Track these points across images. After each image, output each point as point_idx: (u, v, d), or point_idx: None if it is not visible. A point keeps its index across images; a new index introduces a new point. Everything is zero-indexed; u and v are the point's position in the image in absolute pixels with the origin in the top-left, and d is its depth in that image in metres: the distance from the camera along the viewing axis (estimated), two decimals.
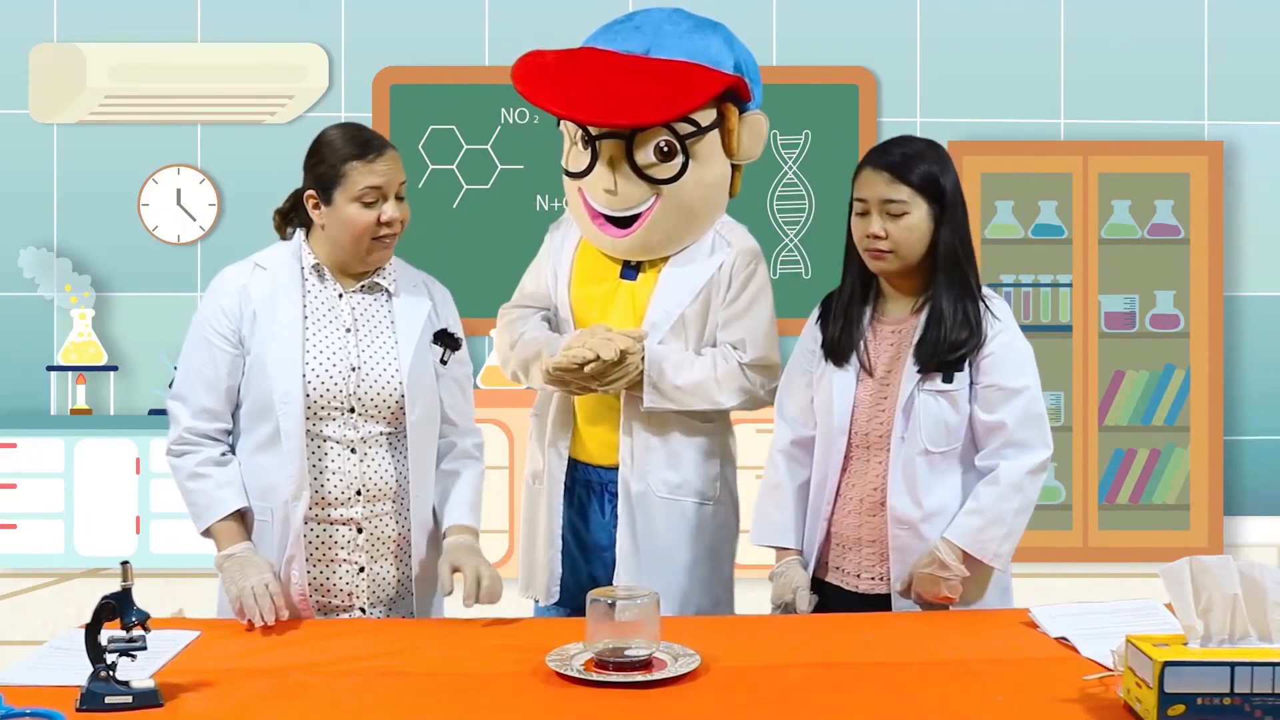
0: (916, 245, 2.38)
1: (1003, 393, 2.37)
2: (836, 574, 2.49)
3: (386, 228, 2.35)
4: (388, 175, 2.34)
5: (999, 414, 2.36)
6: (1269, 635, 1.78)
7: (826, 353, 2.48)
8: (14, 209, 5.89)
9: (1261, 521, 5.93)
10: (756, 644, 2.14)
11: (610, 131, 2.59)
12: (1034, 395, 2.38)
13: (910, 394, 2.38)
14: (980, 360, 2.38)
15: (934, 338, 2.37)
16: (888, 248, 2.37)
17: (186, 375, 2.40)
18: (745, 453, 2.88)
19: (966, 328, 2.37)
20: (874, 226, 2.37)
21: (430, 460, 2.47)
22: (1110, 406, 5.82)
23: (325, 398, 2.35)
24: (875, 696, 1.86)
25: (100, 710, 1.78)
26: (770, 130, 2.82)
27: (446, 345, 2.48)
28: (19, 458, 5.49)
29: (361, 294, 2.44)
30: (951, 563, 2.34)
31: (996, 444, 2.37)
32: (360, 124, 2.44)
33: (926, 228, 2.38)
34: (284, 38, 5.89)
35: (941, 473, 2.39)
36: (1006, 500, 2.35)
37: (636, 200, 2.62)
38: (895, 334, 2.45)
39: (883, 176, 2.37)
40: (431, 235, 5.72)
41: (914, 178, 2.37)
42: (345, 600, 2.40)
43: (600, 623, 1.97)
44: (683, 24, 2.66)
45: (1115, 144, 5.79)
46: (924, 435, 2.37)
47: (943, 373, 2.36)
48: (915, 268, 2.41)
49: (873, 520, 2.43)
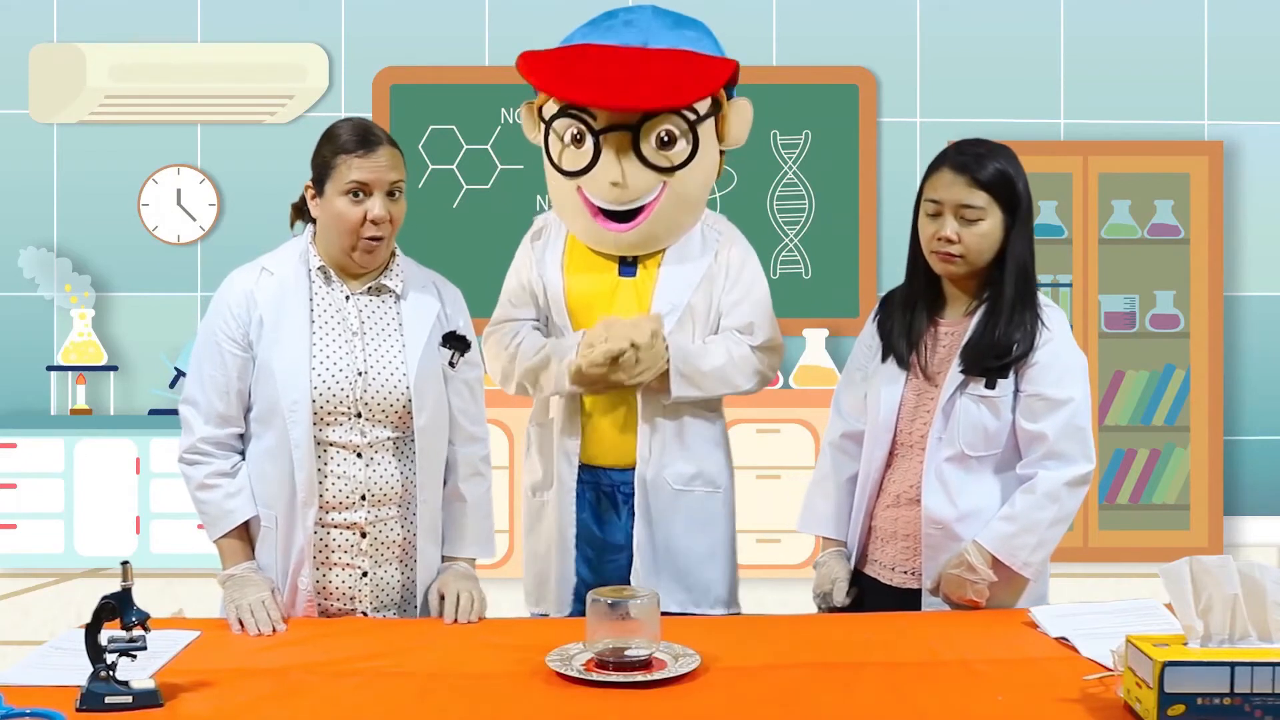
0: (987, 252, 2.38)
1: (1046, 403, 2.36)
2: (874, 566, 2.51)
3: (373, 226, 2.31)
4: (377, 172, 2.31)
5: (1041, 424, 2.35)
6: (1269, 635, 1.78)
7: (883, 351, 2.50)
8: (14, 209, 5.89)
9: (1261, 521, 5.93)
10: (756, 644, 2.14)
11: (616, 124, 2.61)
12: (1078, 408, 2.36)
13: (952, 396, 2.38)
14: (1027, 369, 2.37)
15: (984, 342, 2.37)
16: (959, 252, 2.36)
17: (199, 380, 2.38)
18: (744, 452, 2.89)
19: (1019, 335, 2.36)
20: (947, 230, 2.35)
21: (438, 465, 2.44)
22: (1110, 406, 5.82)
23: (332, 403, 2.34)
24: (875, 696, 1.86)
25: (100, 710, 1.78)
26: (770, 130, 2.84)
27: (456, 348, 2.45)
28: (19, 458, 5.48)
29: (369, 296, 2.41)
30: (979, 566, 2.34)
31: (1038, 454, 2.36)
32: (369, 121, 2.41)
33: (998, 235, 2.37)
34: (284, 38, 5.89)
35: (978, 476, 2.39)
36: (1041, 510, 2.34)
37: (645, 190, 2.63)
38: (949, 335, 2.45)
39: (961, 180, 2.35)
40: (431, 235, 5.72)
41: (994, 185, 2.35)
42: (347, 604, 2.39)
43: (600, 623, 1.97)
44: (667, 19, 2.71)
45: (1115, 144, 5.79)
46: (961, 438, 2.38)
47: (986, 378, 2.36)
48: (979, 271, 2.41)
49: (907, 515, 2.44)
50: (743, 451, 2.87)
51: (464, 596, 2.32)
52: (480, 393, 2.53)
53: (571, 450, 2.69)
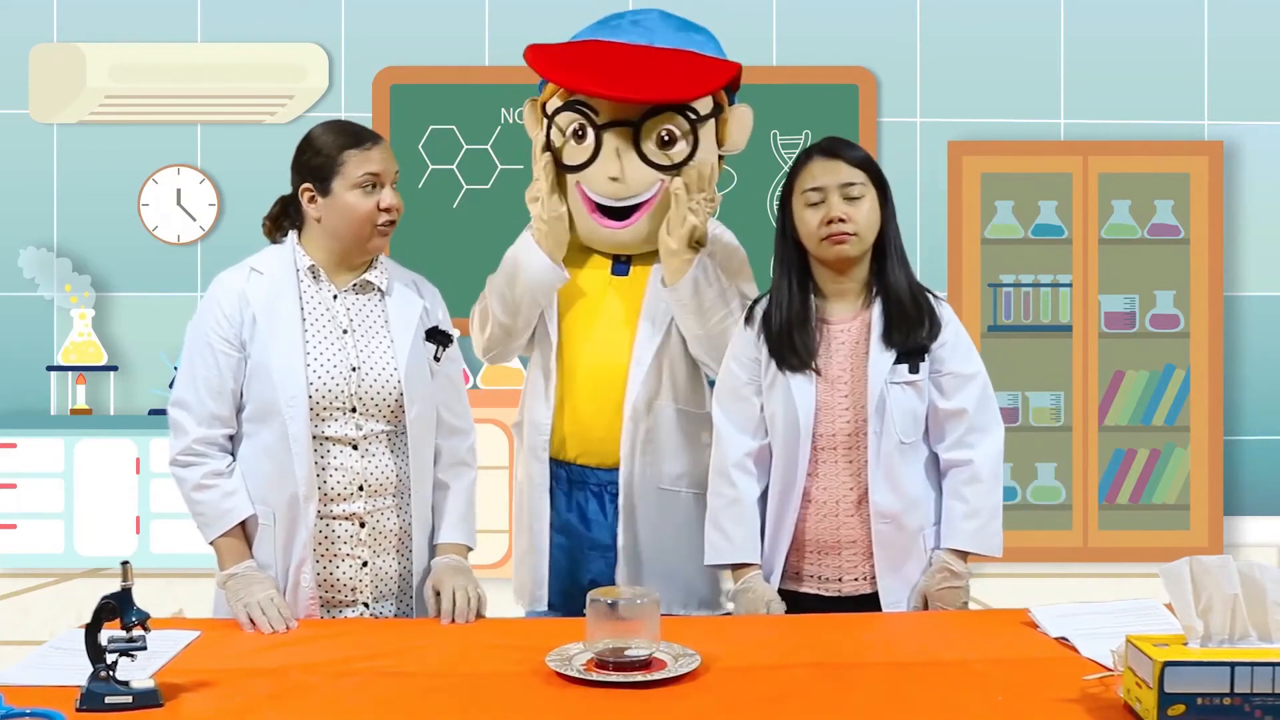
0: (872, 229, 2.43)
1: (959, 379, 2.43)
2: (814, 582, 2.47)
3: (386, 214, 2.40)
4: (384, 163, 2.40)
5: (958, 400, 2.43)
6: (1269, 635, 1.78)
7: (778, 360, 2.45)
8: (14, 209, 5.89)
9: (1261, 521, 5.94)
10: (756, 644, 2.14)
11: (617, 120, 2.63)
12: (984, 379, 2.47)
13: (880, 389, 2.39)
14: (937, 349, 2.43)
15: (900, 324, 2.41)
16: (852, 230, 2.40)
17: (191, 382, 2.39)
18: None
19: (924, 318, 2.42)
20: (835, 210, 2.39)
21: (428, 456, 2.48)
22: (1110, 406, 5.82)
23: (328, 399, 2.36)
24: (875, 696, 1.86)
25: (100, 710, 1.77)
26: (770, 130, 2.86)
27: (439, 342, 2.51)
28: (19, 458, 5.49)
29: (355, 294, 2.45)
30: (962, 570, 2.40)
31: (960, 430, 2.43)
32: (353, 121, 2.48)
33: (877, 216, 2.44)
34: (284, 38, 5.89)
35: (912, 462, 2.43)
36: (993, 493, 2.43)
37: (643, 186, 2.65)
38: (844, 333, 2.46)
39: (836, 163, 2.43)
40: (431, 235, 5.73)
41: (865, 164, 2.44)
42: (349, 595, 2.41)
43: (600, 623, 1.97)
44: (673, 22, 2.74)
45: (1115, 144, 5.79)
46: (898, 428, 2.40)
47: (909, 363, 2.41)
48: (858, 260, 2.45)
49: (851, 520, 2.44)
50: None
51: (460, 594, 2.33)
52: (462, 386, 2.59)
53: (539, 446, 2.71)
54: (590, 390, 2.68)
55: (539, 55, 2.69)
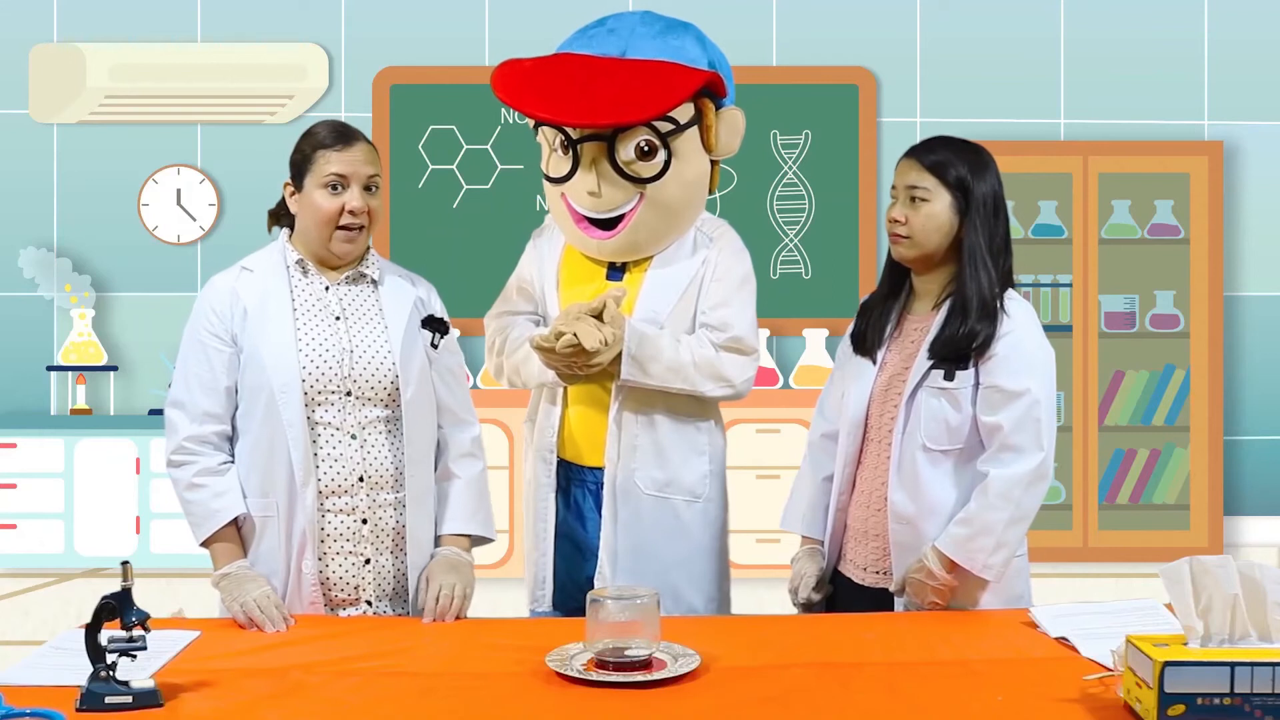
0: (933, 234, 2.41)
1: (1002, 395, 2.35)
2: (848, 566, 2.52)
3: (350, 216, 2.38)
4: (353, 165, 2.38)
5: (997, 416, 2.35)
6: (1269, 635, 1.78)
7: (854, 342, 2.56)
8: (14, 209, 5.89)
9: (1261, 521, 5.94)
10: (756, 644, 2.14)
11: (591, 134, 2.61)
12: (1035, 400, 2.33)
13: (915, 389, 2.40)
14: (986, 361, 2.37)
15: (948, 334, 2.38)
16: (905, 233, 2.43)
17: (185, 381, 2.41)
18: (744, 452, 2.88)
19: (981, 327, 2.36)
20: (895, 211, 2.45)
21: (425, 444, 2.47)
22: (1110, 406, 5.82)
23: (321, 382, 2.37)
24: (875, 696, 1.86)
25: (100, 710, 1.78)
26: (770, 130, 2.84)
27: (436, 329, 2.51)
28: (19, 458, 5.49)
29: (347, 285, 2.47)
30: (937, 571, 2.34)
31: (994, 447, 2.36)
32: (344, 122, 2.48)
33: (947, 219, 2.40)
34: (284, 38, 5.89)
35: (942, 471, 2.39)
36: (995, 511, 2.32)
37: (620, 201, 2.63)
38: (917, 330, 2.48)
39: (912, 164, 2.44)
40: (431, 235, 5.73)
41: (937, 168, 2.41)
42: (352, 594, 2.41)
43: (600, 623, 1.97)
44: (655, 25, 2.68)
45: (1115, 144, 5.79)
46: (923, 431, 2.39)
47: (944, 369, 2.38)
48: (940, 264, 2.44)
49: (877, 515, 2.45)
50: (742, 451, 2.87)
51: (444, 591, 2.33)
52: (463, 378, 2.59)
53: (545, 447, 2.71)
54: (583, 392, 2.68)
55: (506, 78, 2.66)
